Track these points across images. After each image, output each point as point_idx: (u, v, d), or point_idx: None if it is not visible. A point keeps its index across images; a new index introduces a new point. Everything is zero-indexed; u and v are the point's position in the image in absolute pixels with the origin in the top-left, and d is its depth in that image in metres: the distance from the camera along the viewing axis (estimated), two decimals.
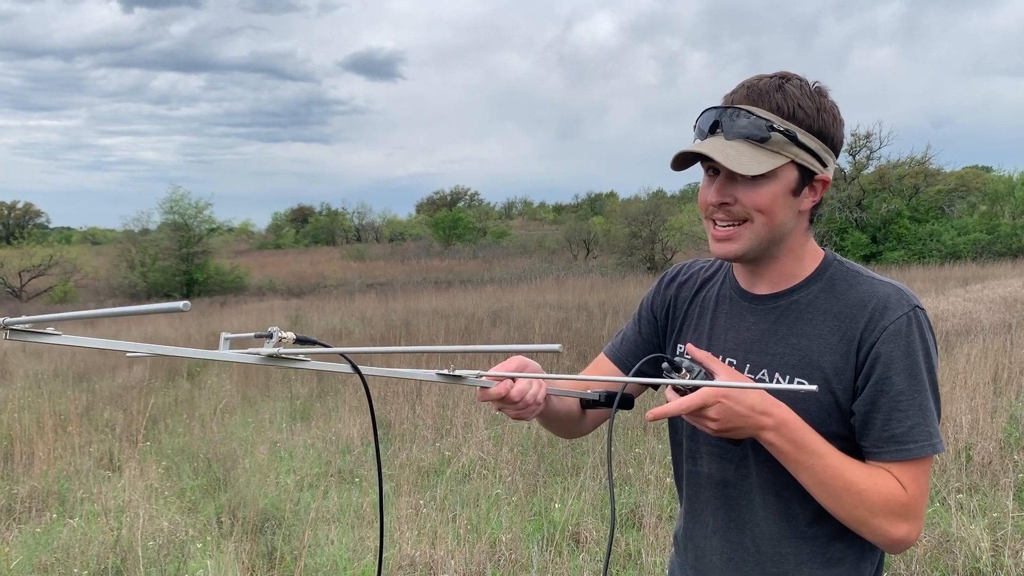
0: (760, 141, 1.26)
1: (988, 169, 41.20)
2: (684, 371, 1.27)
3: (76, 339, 1.05)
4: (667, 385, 1.28)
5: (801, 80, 1.30)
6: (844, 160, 32.20)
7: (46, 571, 4.18)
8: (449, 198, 71.89)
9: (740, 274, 1.45)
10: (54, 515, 4.94)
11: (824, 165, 1.31)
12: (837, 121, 1.31)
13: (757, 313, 1.40)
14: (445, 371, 1.30)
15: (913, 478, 1.26)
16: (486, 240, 50.39)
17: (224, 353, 1.16)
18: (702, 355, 1.30)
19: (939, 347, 1.37)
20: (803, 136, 1.27)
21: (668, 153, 1.34)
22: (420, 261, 42.27)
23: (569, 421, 1.54)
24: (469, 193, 73.40)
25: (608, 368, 1.58)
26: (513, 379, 1.32)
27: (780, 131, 1.25)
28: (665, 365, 1.30)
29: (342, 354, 1.27)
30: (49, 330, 1.03)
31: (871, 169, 31.82)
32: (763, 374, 1.36)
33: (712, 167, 1.32)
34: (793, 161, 1.27)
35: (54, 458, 6.01)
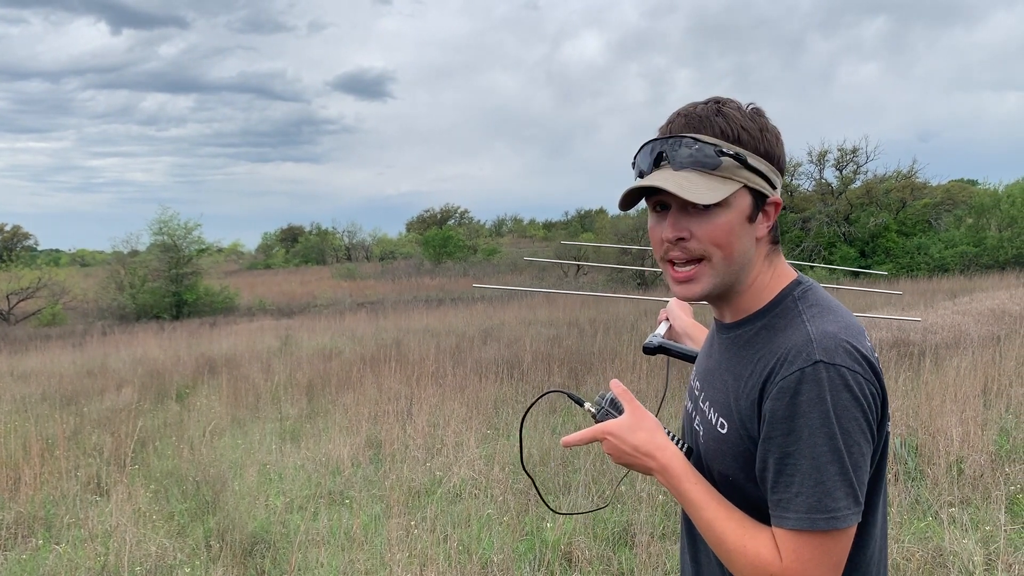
0: (711, 168, 1.20)
1: (974, 182, 41.51)
2: (589, 404, 1.38)
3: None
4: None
5: (737, 103, 1.25)
6: (831, 174, 32.46)
7: None
8: (439, 216, 71.89)
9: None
10: (40, 541, 4.88)
11: (774, 187, 1.25)
12: (779, 141, 1.26)
13: (720, 342, 1.36)
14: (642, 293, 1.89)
15: (792, 549, 1.14)
16: (476, 258, 50.43)
17: None
18: (620, 391, 1.36)
19: (928, 361, 1.33)
20: (752, 159, 1.21)
21: None
22: (410, 279, 42.18)
23: None
24: (459, 211, 73.49)
25: None
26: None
27: (730, 155, 1.19)
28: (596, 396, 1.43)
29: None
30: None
31: (858, 183, 32.08)
32: (707, 406, 1.34)
33: (660, 202, 1.26)
34: (746, 186, 1.22)
35: (41, 483, 5.94)
